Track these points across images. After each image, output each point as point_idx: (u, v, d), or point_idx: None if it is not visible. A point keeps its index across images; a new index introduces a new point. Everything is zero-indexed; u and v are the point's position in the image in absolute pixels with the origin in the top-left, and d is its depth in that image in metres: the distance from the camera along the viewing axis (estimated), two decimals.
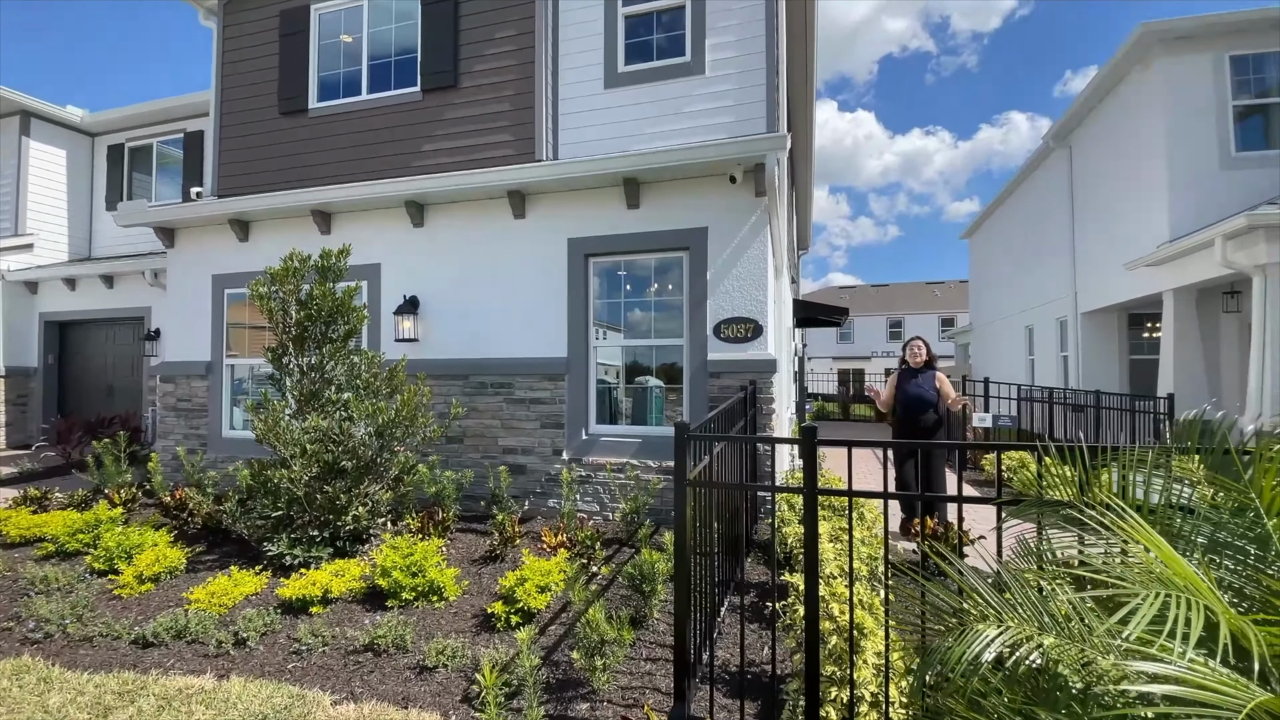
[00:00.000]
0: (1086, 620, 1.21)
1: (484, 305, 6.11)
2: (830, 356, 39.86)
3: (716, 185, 5.37)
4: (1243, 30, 9.28)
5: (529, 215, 6.01)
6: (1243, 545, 1.31)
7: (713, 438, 2.78)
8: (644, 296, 5.89)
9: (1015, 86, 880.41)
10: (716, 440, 2.96)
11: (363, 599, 4.20)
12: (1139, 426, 8.48)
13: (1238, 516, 1.37)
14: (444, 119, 6.91)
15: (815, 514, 2.43)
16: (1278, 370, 7.43)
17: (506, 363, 5.97)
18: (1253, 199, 9.08)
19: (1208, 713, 0.81)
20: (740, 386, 5.11)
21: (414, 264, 6.45)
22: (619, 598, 3.93)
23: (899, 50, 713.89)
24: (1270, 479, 1.31)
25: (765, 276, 5.23)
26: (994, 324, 20.56)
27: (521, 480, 5.86)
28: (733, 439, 3.52)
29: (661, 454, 5.43)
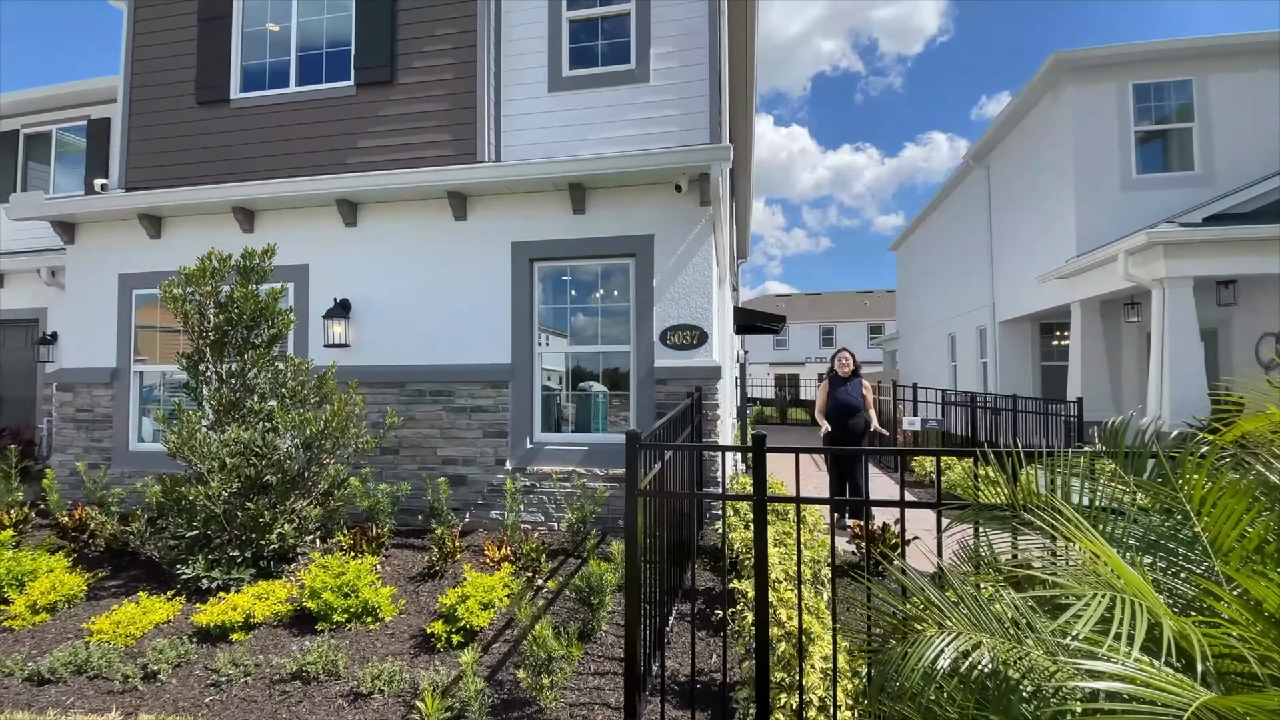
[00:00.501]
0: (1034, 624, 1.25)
1: (422, 309, 5.89)
2: (768, 362, 40.89)
3: (662, 193, 5.38)
4: (1145, 61, 10.16)
5: (471, 217, 5.84)
6: (1172, 545, 1.40)
7: (664, 446, 2.75)
8: (590, 302, 5.83)
9: (936, 108, 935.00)
10: (667, 449, 2.94)
11: (290, 623, 3.93)
12: (1051, 428, 9.07)
13: (1167, 518, 1.45)
14: (379, 115, 6.64)
15: (765, 522, 2.44)
16: (1174, 375, 8.11)
17: (447, 369, 5.77)
18: (1151, 218, 9.93)
19: (1158, 711, 0.84)
20: (687, 393, 5.12)
21: (346, 266, 6.15)
22: (566, 611, 3.84)
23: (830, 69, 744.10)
24: (1199, 483, 1.41)
25: (710, 284, 5.28)
26: (920, 332, 21.65)
27: (462, 492, 5.66)
28: (685, 447, 3.52)
29: (608, 462, 5.37)
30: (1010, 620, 1.31)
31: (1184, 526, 1.42)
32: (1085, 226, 10.44)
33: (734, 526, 4.26)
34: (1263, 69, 9.87)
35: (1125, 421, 1.99)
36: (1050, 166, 11.35)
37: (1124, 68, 10.23)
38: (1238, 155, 9.88)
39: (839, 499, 2.49)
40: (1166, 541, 1.42)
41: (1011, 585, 1.54)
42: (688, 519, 4.07)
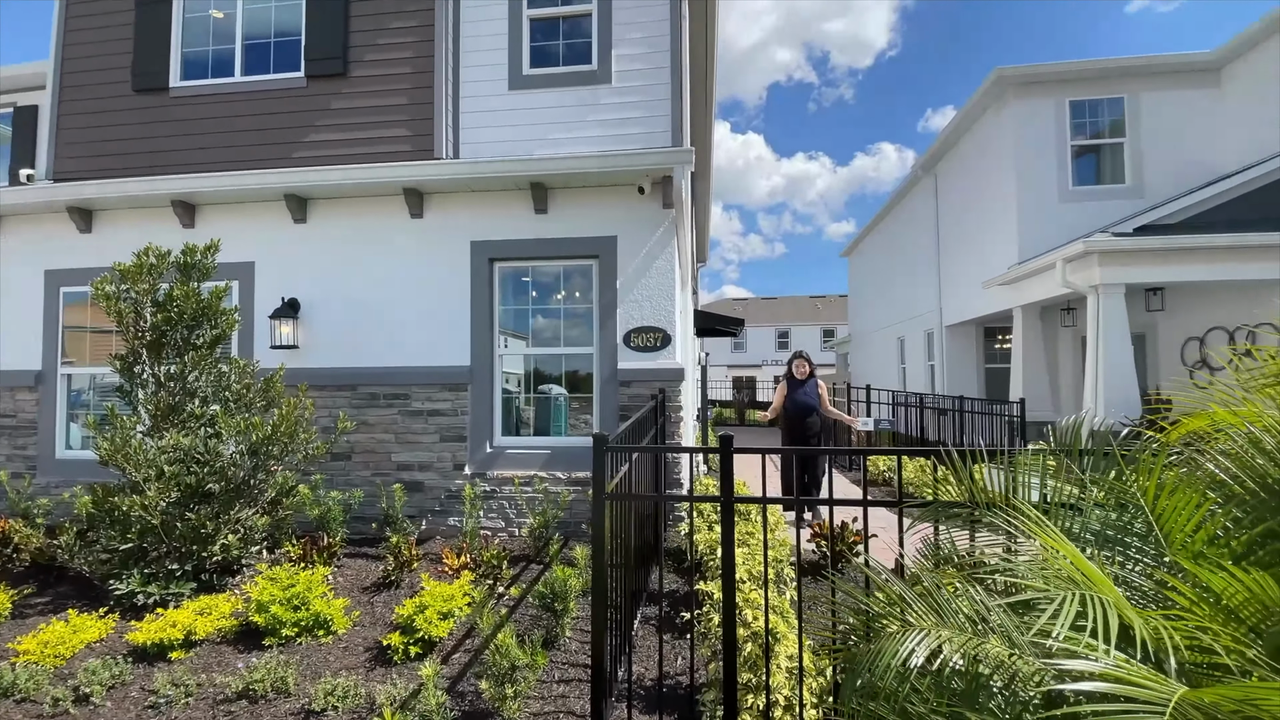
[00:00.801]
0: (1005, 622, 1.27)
1: (376, 310, 5.70)
2: (726, 365, 41.39)
3: (625, 195, 5.37)
4: (1081, 79, 10.73)
5: (428, 215, 5.69)
6: (1127, 540, 1.45)
7: (632, 449, 2.73)
8: (552, 304, 5.76)
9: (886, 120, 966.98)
10: (634, 451, 2.92)
11: (235, 639, 3.73)
12: (996, 428, 9.44)
13: (1121, 513, 1.51)
14: (331, 109, 6.41)
15: (732, 523, 2.44)
16: (1108, 377, 8.56)
17: (402, 372, 5.60)
18: (1086, 227, 10.47)
19: (1138, 709, 0.86)
20: (650, 395, 5.11)
21: (295, 263, 5.90)
22: (529, 618, 3.76)
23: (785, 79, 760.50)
24: (1152, 479, 1.47)
25: (674, 287, 5.29)
26: (871, 335, 22.29)
27: (418, 498, 5.50)
28: (653, 449, 3.50)
29: (571, 465, 5.31)
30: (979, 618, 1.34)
31: (1136, 519, 1.48)
32: (1026, 235, 10.94)
33: (697, 528, 4.28)
34: (1189, 88, 10.55)
35: (1079, 421, 2.07)
36: (994, 177, 11.85)
37: (1062, 84, 10.78)
38: (1165, 170, 10.53)
39: (805, 499, 2.50)
40: (1121, 535, 1.48)
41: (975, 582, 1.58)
42: (652, 521, 4.05)
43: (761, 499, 2.47)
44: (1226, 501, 1.38)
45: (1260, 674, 0.98)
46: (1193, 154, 10.44)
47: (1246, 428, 1.49)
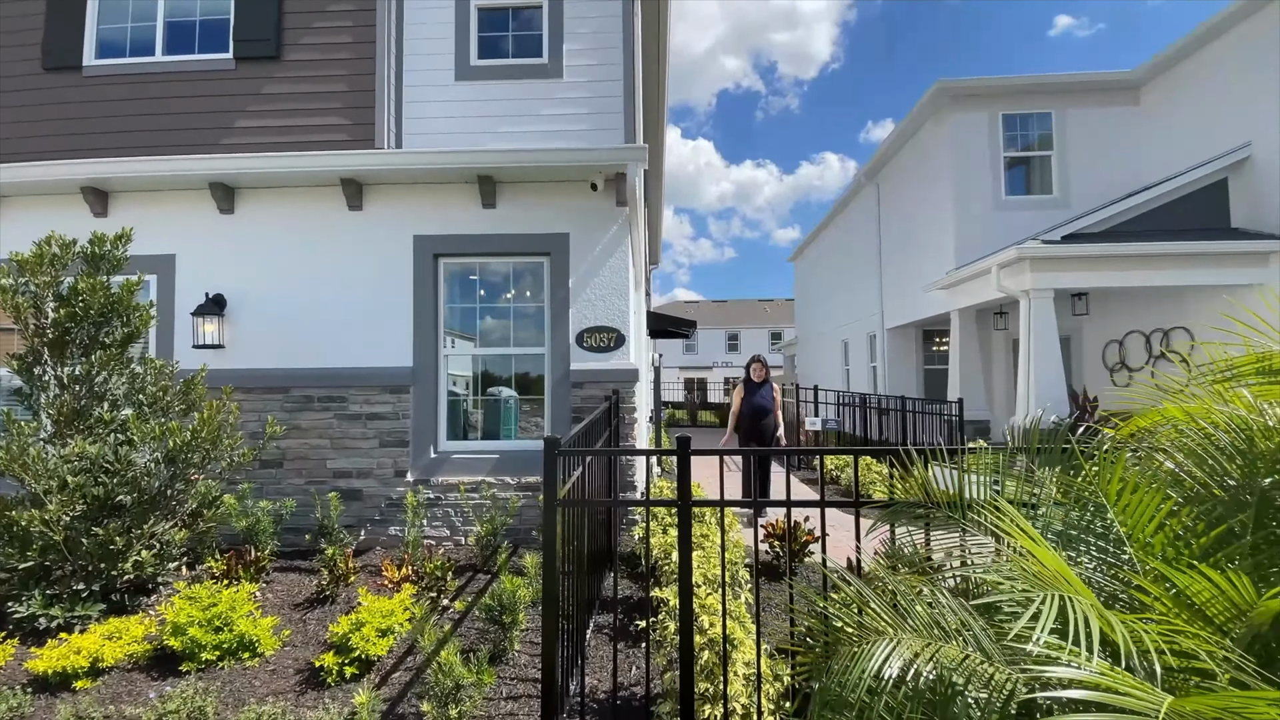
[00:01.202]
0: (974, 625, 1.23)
1: (311, 307, 5.36)
2: (678, 366, 41.64)
3: (578, 191, 5.24)
4: (1014, 93, 11.25)
5: (368, 207, 5.40)
6: (1089, 539, 1.44)
7: (585, 452, 2.61)
8: (502, 302, 5.56)
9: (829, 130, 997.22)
10: (587, 454, 2.80)
11: (149, 665, 3.41)
12: (936, 426, 9.77)
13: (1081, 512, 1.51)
14: (263, 94, 6.04)
15: (689, 527, 2.36)
16: (1039, 376, 8.97)
17: (339, 373, 5.28)
18: (1018, 235, 10.97)
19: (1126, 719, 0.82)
20: (604, 397, 5.00)
21: (221, 257, 5.49)
22: (475, 632, 3.58)
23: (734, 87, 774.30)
24: (1114, 476, 1.46)
25: (627, 286, 5.20)
26: (816, 338, 22.84)
27: (357, 507, 5.20)
28: (606, 453, 3.38)
29: (521, 470, 5.13)
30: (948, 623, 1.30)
31: (1096, 518, 1.47)
32: (963, 241, 11.39)
33: (652, 532, 4.18)
34: (1111, 105, 11.22)
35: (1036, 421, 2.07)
36: (933, 186, 12.30)
37: (996, 98, 11.28)
38: (1090, 182, 11.16)
39: (763, 501, 2.43)
40: (1082, 535, 1.47)
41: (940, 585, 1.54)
42: (606, 525, 3.94)
43: (719, 501, 2.40)
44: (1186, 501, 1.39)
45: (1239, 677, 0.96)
46: (1115, 167, 11.11)
47: (1200, 425, 1.51)
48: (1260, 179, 8.97)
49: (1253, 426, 1.37)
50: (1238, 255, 8.72)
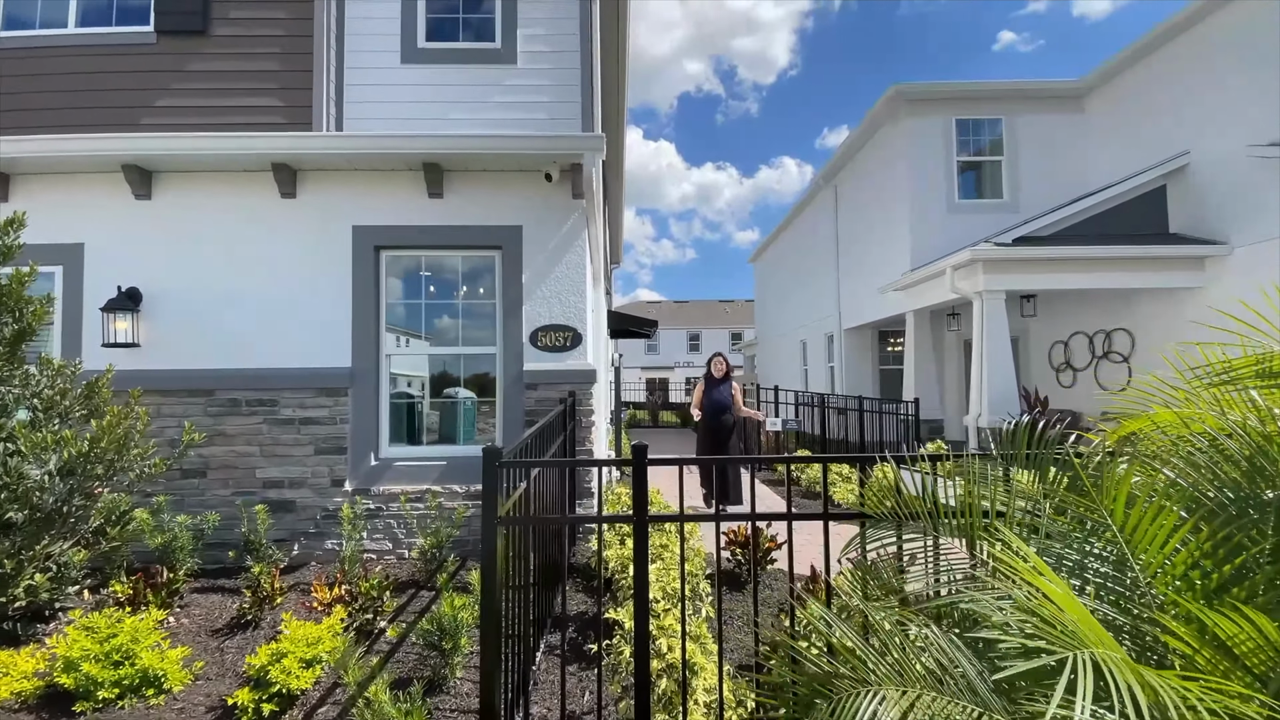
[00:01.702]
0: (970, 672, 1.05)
1: (238, 303, 4.92)
2: (639, 366, 41.49)
3: (531, 182, 4.96)
4: (967, 99, 11.45)
5: (302, 195, 4.99)
6: (1088, 563, 1.29)
7: (530, 463, 2.35)
8: (450, 299, 5.22)
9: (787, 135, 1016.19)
10: (534, 465, 2.54)
11: (39, 705, 3.00)
12: (893, 426, 9.82)
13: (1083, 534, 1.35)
14: (188, 71, 5.56)
15: (646, 546, 2.13)
16: (992, 376, 9.11)
17: (269, 374, 4.86)
18: (969, 239, 11.16)
19: None
20: (559, 399, 4.73)
21: (136, 246, 4.99)
22: (414, 658, 3.27)
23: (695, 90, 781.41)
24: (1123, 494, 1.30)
25: (584, 283, 4.94)
26: (775, 338, 23.01)
27: (290, 519, 4.80)
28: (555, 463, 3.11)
29: (470, 477, 4.82)
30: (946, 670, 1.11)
31: (1096, 538, 1.32)
32: (918, 244, 11.54)
33: (609, 543, 3.94)
34: (1057, 113, 11.54)
35: (1025, 424, 1.93)
36: (889, 189, 12.44)
37: (950, 103, 11.47)
38: (1037, 187, 11.46)
39: (725, 515, 2.23)
40: (1089, 562, 1.31)
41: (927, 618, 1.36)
42: (558, 536, 3.69)
43: (679, 516, 2.18)
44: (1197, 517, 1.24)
45: None
46: (1061, 173, 11.44)
47: (1202, 430, 1.37)
48: (1197, 186, 9.34)
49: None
50: (1178, 259, 9.05)
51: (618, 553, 3.82)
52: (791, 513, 2.26)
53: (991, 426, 8.99)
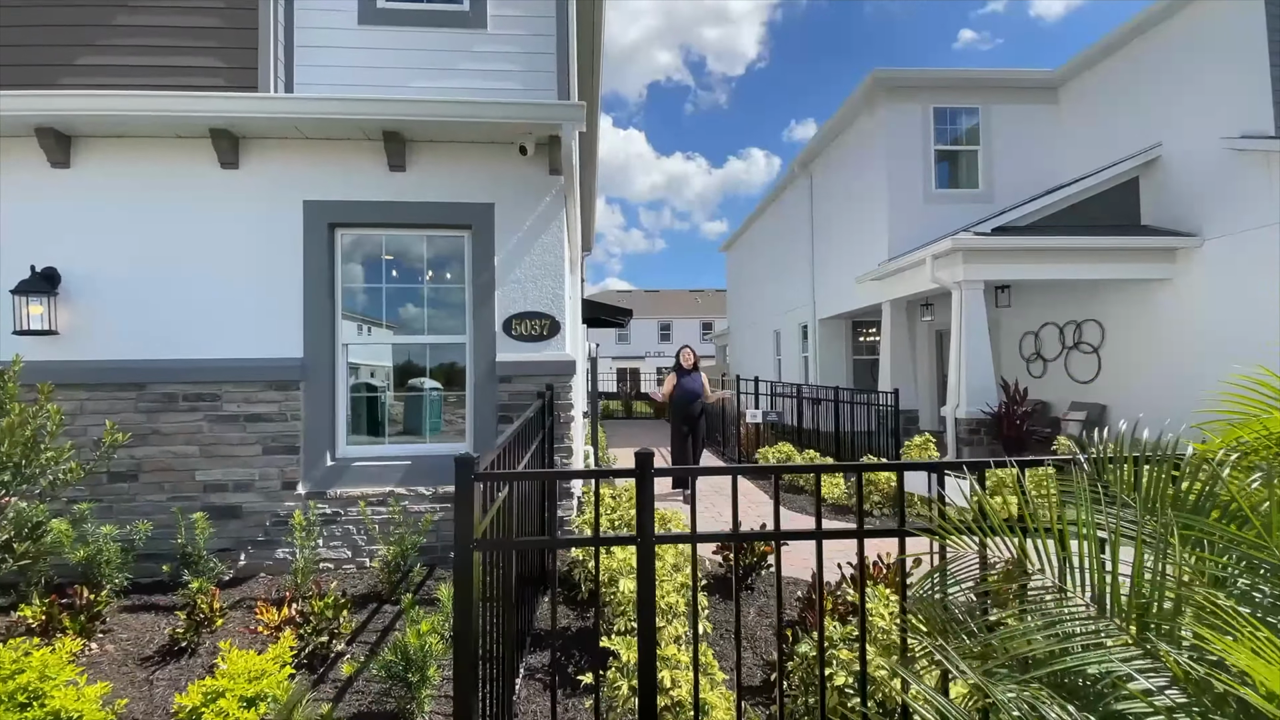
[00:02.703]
0: None
1: (173, 287, 4.39)
2: (610, 356, 41.09)
3: (504, 156, 4.54)
4: (944, 87, 11.33)
5: (245, 166, 4.47)
6: None
7: (512, 476, 2.00)
8: (417, 283, 4.77)
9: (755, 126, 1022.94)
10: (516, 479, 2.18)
11: None
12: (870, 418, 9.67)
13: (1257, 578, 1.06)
14: (115, 25, 4.98)
15: (652, 571, 1.81)
16: (970, 367, 9.04)
17: (210, 366, 4.36)
18: (945, 229, 11.09)
19: None
20: (536, 393, 4.36)
21: (52, 221, 4.41)
22: (376, 689, 2.89)
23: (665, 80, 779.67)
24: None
25: (562, 266, 4.56)
26: (748, 328, 22.89)
27: (236, 527, 4.33)
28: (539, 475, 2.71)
29: (438, 478, 4.42)
30: None
31: (1267, 582, 1.04)
32: (896, 233, 11.43)
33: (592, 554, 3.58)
34: (1032, 104, 11.52)
35: (1128, 429, 1.63)
36: (866, 177, 12.29)
37: (928, 91, 11.34)
38: (1011, 177, 11.44)
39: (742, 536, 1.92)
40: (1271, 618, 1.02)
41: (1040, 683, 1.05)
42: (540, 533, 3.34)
43: (691, 536, 1.86)
44: None
45: None
46: (1034, 165, 11.45)
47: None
48: (1168, 179, 9.40)
49: None
50: (1151, 251, 9.10)
51: (604, 563, 3.48)
52: (821, 530, 1.96)
53: (969, 417, 8.94)
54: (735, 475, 1.89)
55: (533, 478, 2.55)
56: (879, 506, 5.85)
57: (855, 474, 1.92)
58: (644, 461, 1.78)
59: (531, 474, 2.48)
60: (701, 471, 1.98)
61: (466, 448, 4.51)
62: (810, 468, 1.90)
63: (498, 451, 2.03)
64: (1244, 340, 8.11)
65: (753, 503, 6.66)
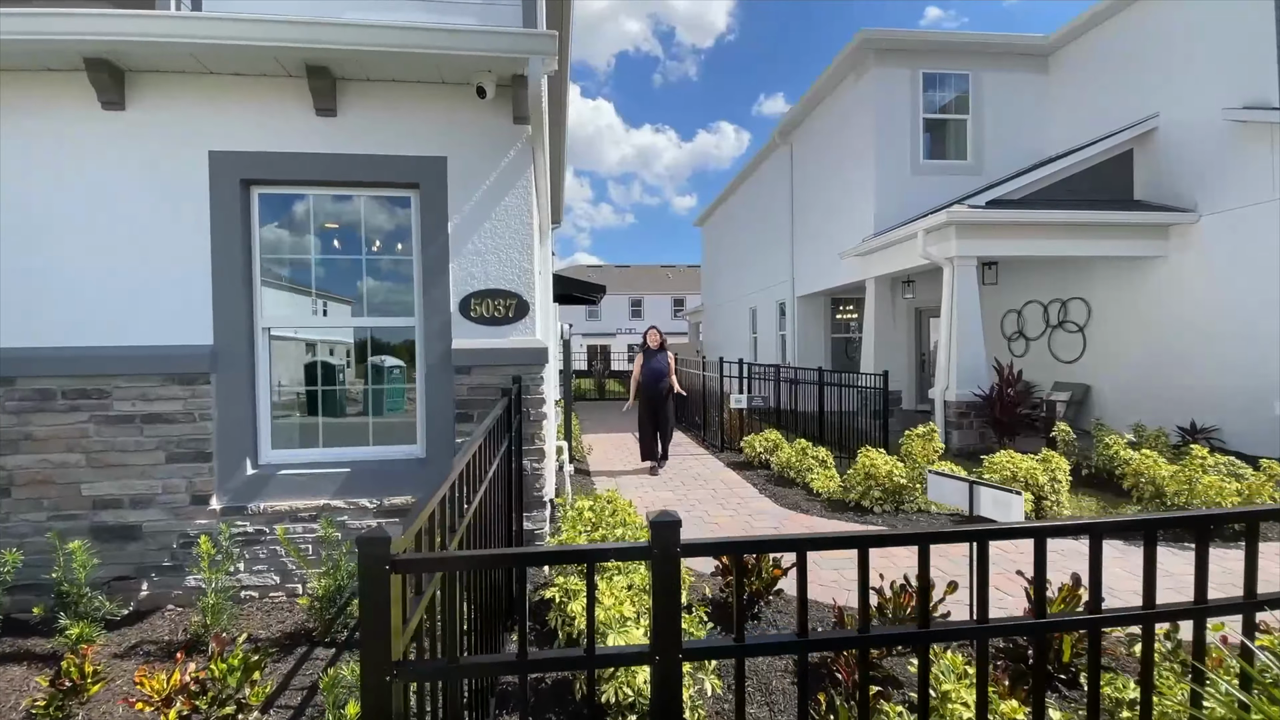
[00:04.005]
0: None
1: (45, 259, 3.53)
2: (581, 334, 40.21)
3: (459, 100, 3.75)
4: (934, 51, 10.74)
5: (135, 106, 3.59)
6: None
7: (455, 564, 1.32)
8: (355, 255, 3.97)
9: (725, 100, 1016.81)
10: (456, 565, 1.51)
11: None
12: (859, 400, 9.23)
13: None
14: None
15: (677, 704, 1.18)
16: (963, 347, 8.63)
17: (96, 355, 3.53)
18: (933, 202, 10.62)
19: None
20: (501, 388, 3.66)
21: None
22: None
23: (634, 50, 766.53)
24: None
25: (530, 234, 3.84)
26: (723, 305, 22.34)
27: (135, 550, 3.57)
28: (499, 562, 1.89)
29: (382, 487, 3.71)
30: None
31: None
32: (882, 206, 10.90)
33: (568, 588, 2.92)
34: (1021, 72, 11.03)
35: None
36: (852, 146, 11.69)
37: (918, 55, 10.74)
38: (999, 149, 10.99)
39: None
40: None
41: None
42: (506, 575, 2.70)
43: (738, 648, 1.23)
44: None
45: None
46: (1024, 136, 11.00)
47: None
48: (1164, 152, 9.03)
49: None
50: (1149, 227, 8.75)
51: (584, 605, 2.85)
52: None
53: (960, 400, 8.56)
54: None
55: (489, 564, 1.88)
56: (879, 502, 5.36)
57: (1036, 542, 1.30)
58: (664, 535, 1.14)
59: (488, 558, 1.79)
60: (729, 549, 1.32)
61: (417, 451, 3.80)
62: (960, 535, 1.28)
63: (437, 501, 1.37)
64: (1239, 321, 7.86)
65: (738, 496, 6.10)
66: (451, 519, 1.69)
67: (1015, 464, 5.09)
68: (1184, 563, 4.23)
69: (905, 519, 5.16)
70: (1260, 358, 7.61)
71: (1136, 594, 3.81)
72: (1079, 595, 2.72)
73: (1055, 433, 6.78)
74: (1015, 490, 2.68)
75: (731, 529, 5.00)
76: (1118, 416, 9.28)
